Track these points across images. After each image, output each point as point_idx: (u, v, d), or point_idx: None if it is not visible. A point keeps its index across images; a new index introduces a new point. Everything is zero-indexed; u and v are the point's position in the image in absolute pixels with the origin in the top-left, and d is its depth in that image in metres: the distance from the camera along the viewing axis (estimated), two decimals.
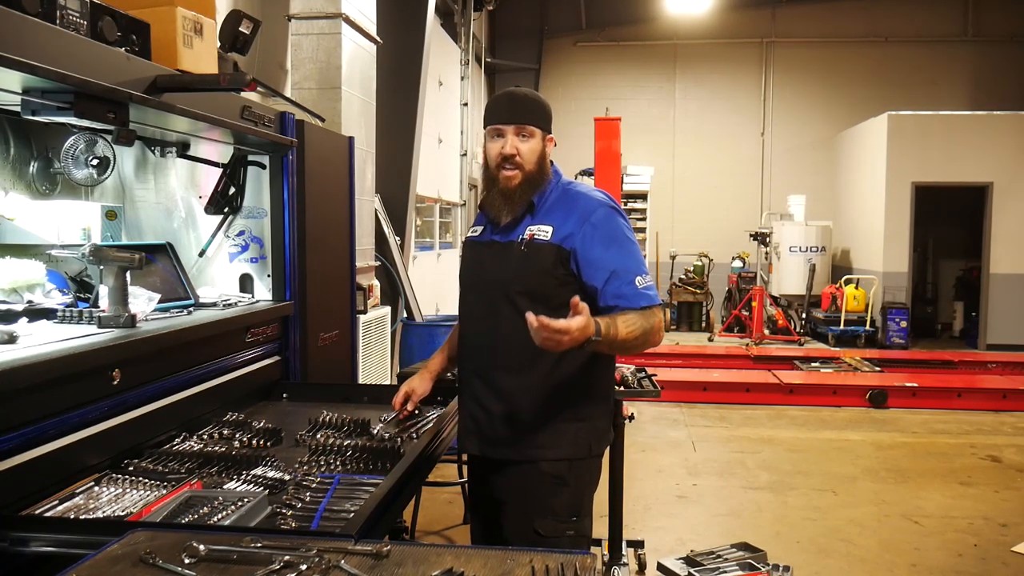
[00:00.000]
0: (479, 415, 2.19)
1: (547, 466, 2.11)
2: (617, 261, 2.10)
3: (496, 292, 2.15)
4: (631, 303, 2.08)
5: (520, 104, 2.16)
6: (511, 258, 2.14)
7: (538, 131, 2.16)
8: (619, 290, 2.09)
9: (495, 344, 2.15)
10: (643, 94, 13.76)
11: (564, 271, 2.11)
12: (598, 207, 2.15)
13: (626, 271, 2.10)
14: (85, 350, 1.90)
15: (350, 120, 4.94)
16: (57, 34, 1.83)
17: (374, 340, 4.95)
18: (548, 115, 2.21)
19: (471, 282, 2.26)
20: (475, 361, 2.22)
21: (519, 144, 2.13)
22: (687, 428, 6.77)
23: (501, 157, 2.12)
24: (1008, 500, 5.01)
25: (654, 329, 2.10)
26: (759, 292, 11.47)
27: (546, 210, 2.17)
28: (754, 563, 3.72)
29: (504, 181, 2.14)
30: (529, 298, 2.07)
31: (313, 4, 4.81)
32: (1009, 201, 10.62)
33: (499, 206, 2.15)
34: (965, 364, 9.41)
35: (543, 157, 2.18)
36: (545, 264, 2.10)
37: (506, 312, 2.12)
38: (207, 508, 1.71)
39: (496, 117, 2.16)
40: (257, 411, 2.69)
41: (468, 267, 2.29)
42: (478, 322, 2.21)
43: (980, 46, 13.17)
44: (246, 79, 2.25)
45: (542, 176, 2.18)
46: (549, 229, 2.13)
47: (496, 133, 2.15)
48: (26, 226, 2.52)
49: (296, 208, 3.06)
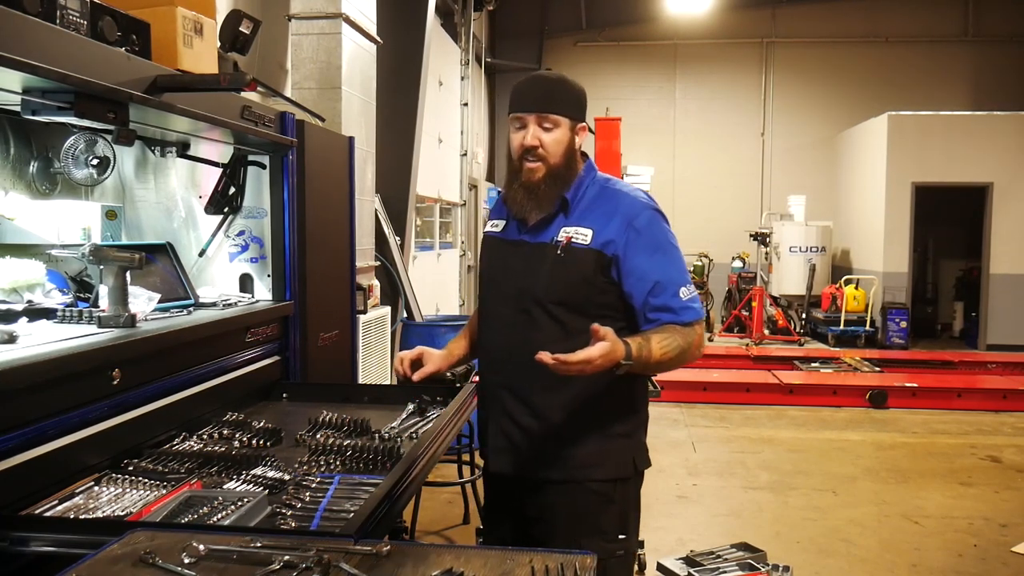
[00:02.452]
0: (513, 433, 2.04)
1: (594, 485, 2.00)
2: (661, 271, 1.96)
3: (528, 299, 1.98)
4: (674, 317, 1.94)
5: (545, 90, 1.98)
6: (545, 263, 1.97)
7: (565, 120, 1.97)
8: (662, 302, 1.94)
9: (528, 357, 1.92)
10: (643, 94, 13.76)
11: (604, 279, 1.96)
12: (643, 209, 1.99)
13: (670, 282, 1.96)
14: (85, 350, 1.90)
15: (350, 120, 4.94)
16: (57, 34, 1.83)
17: (374, 340, 4.95)
18: (578, 102, 2.02)
19: (496, 285, 2.09)
20: (504, 374, 2.05)
21: (542, 135, 1.96)
22: (687, 428, 6.77)
23: (522, 149, 1.97)
24: (1008, 500, 5.01)
25: (693, 346, 1.96)
26: (759, 292, 11.47)
27: (583, 210, 2.01)
28: (754, 563, 3.72)
29: (527, 174, 1.97)
30: (566, 308, 1.95)
31: (313, 4, 4.81)
32: (1009, 201, 10.62)
33: (522, 201, 1.99)
34: (965, 364, 9.42)
35: (571, 149, 2.00)
36: (585, 272, 1.95)
37: (541, 322, 1.97)
38: (207, 508, 1.71)
39: (518, 104, 1.99)
40: (257, 411, 2.69)
41: (492, 267, 2.12)
42: (507, 331, 2.03)
43: (980, 46, 13.17)
44: (246, 79, 2.25)
45: (570, 170, 2.01)
46: (588, 232, 1.96)
47: (518, 122, 1.99)
48: (26, 226, 2.52)
49: (296, 208, 3.06)
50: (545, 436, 2.00)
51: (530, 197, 1.98)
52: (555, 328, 1.93)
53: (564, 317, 1.90)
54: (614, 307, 1.98)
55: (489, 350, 2.10)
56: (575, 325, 1.92)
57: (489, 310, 2.10)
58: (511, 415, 2.04)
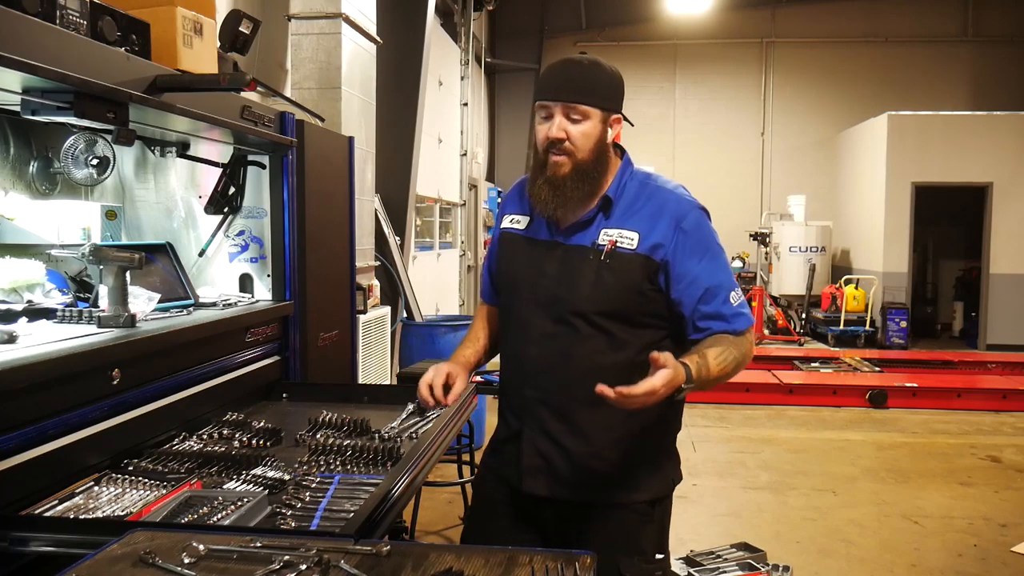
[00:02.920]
0: (551, 453, 1.88)
1: (638, 507, 1.89)
2: (712, 276, 1.82)
3: (566, 309, 1.83)
4: (726, 325, 1.81)
5: (574, 77, 1.80)
6: (587, 269, 1.82)
7: (596, 111, 1.80)
8: (713, 310, 1.81)
9: (569, 371, 1.84)
10: (643, 94, 13.75)
11: (651, 287, 1.82)
12: (690, 209, 1.85)
13: (720, 287, 1.82)
14: (85, 350, 1.90)
15: (350, 120, 4.94)
16: (57, 34, 1.83)
17: (374, 340, 4.95)
18: (612, 91, 1.84)
19: (525, 290, 1.90)
20: (541, 388, 1.89)
21: (568, 127, 1.79)
22: (687, 428, 6.77)
23: (547, 141, 1.81)
24: (1008, 500, 5.01)
25: (746, 356, 1.82)
26: (759, 292, 11.47)
27: (624, 209, 1.85)
28: (754, 563, 3.72)
29: (552, 168, 1.81)
30: (611, 318, 1.81)
31: (313, 4, 4.81)
32: (1009, 201, 10.62)
33: (546, 198, 1.82)
34: (965, 364, 9.42)
35: (602, 143, 1.83)
36: (633, 279, 1.80)
37: (583, 334, 1.82)
38: (207, 508, 1.71)
39: (544, 92, 1.82)
40: (257, 411, 2.69)
41: (518, 269, 1.94)
42: (544, 342, 1.87)
43: (980, 46, 13.17)
44: (246, 79, 2.25)
45: (600, 166, 1.84)
46: (634, 236, 1.81)
47: (544, 111, 1.82)
48: (26, 226, 2.52)
49: (296, 208, 3.06)
50: (589, 457, 1.86)
51: (556, 193, 1.82)
52: (599, 340, 1.81)
53: (609, 327, 1.78)
54: (660, 315, 1.86)
55: (522, 361, 1.92)
56: (620, 336, 1.80)
57: (519, 317, 1.92)
58: (550, 434, 1.88)
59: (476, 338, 2.13)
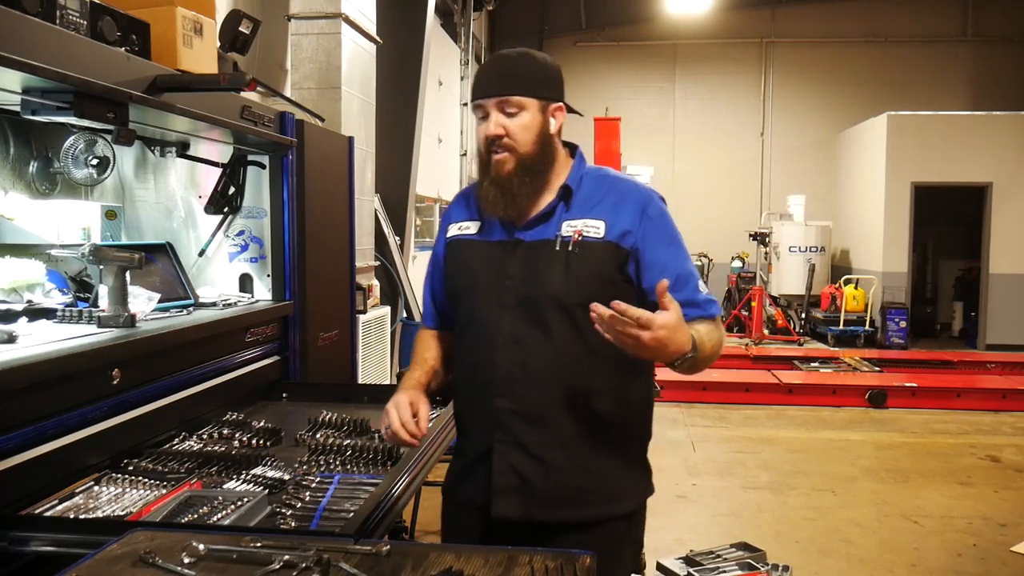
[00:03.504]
0: (527, 468, 1.72)
1: (616, 524, 1.77)
2: (680, 263, 1.77)
3: (539, 306, 1.72)
4: (701, 312, 1.74)
5: (504, 71, 1.74)
6: (555, 263, 1.72)
7: (532, 101, 1.72)
8: (686, 297, 1.71)
9: (545, 376, 1.72)
10: (643, 94, 13.76)
11: (622, 276, 1.75)
12: (652, 196, 1.80)
13: (691, 275, 1.77)
14: (85, 350, 1.90)
15: (350, 120, 4.94)
16: (57, 34, 1.83)
17: (374, 340, 4.95)
18: (547, 78, 1.77)
19: (485, 295, 1.78)
20: (514, 397, 1.73)
21: (505, 122, 1.71)
22: (686, 428, 6.77)
23: (487, 140, 1.73)
24: (1007, 500, 5.01)
25: (722, 341, 1.77)
26: (758, 292, 11.46)
27: (584, 200, 1.78)
28: (753, 563, 3.72)
29: (495, 167, 1.72)
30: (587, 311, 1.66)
31: (313, 4, 4.81)
32: (1009, 201, 10.62)
33: (494, 199, 1.73)
34: (964, 364, 9.41)
35: (544, 134, 1.74)
36: (605, 268, 1.73)
37: (558, 332, 1.71)
38: (207, 508, 1.71)
39: (476, 91, 1.75)
40: (257, 411, 2.69)
41: (474, 275, 1.81)
42: (512, 347, 1.73)
43: (980, 46, 13.17)
44: (246, 79, 2.25)
45: (546, 157, 1.76)
46: (600, 224, 1.74)
47: (480, 111, 1.75)
48: (26, 226, 2.52)
49: (296, 208, 3.06)
50: (569, 468, 1.73)
51: (502, 193, 1.72)
52: (575, 338, 1.71)
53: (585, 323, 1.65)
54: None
55: (489, 370, 1.76)
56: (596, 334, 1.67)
57: (482, 324, 1.78)
58: (526, 447, 1.73)
59: (423, 360, 1.94)
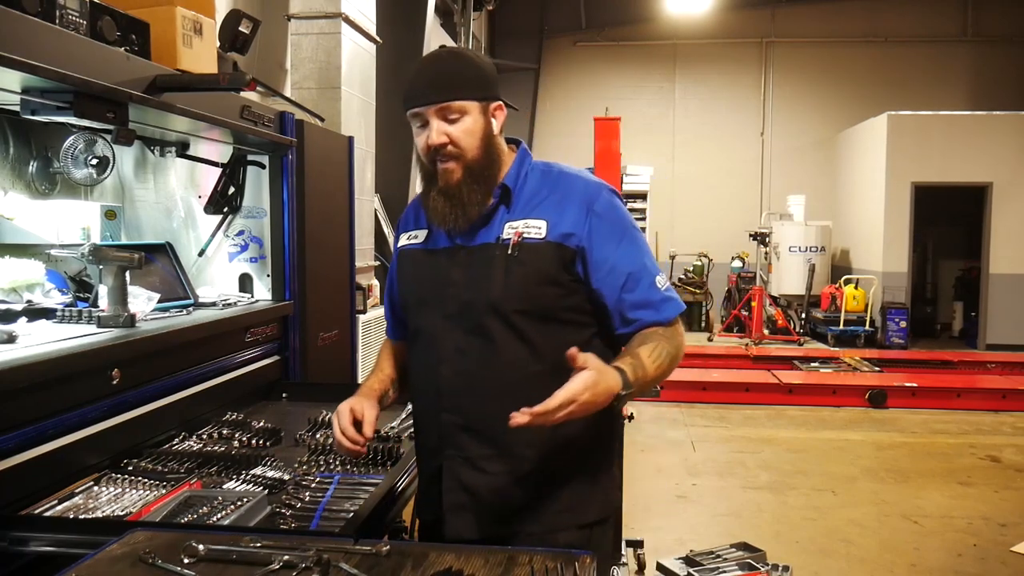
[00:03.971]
0: (477, 484, 1.65)
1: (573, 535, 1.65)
2: (633, 260, 1.66)
3: (480, 314, 1.63)
4: (655, 314, 1.65)
5: (440, 75, 1.64)
6: (495, 267, 1.63)
7: (473, 104, 1.63)
8: (639, 297, 1.65)
9: (490, 387, 1.63)
10: (643, 94, 13.75)
11: (569, 277, 1.65)
12: (599, 191, 1.69)
13: (644, 271, 1.67)
14: (84, 350, 1.90)
15: (350, 120, 4.94)
16: (57, 34, 1.83)
17: (374, 340, 4.95)
18: (485, 78, 1.66)
19: (431, 305, 1.70)
20: (460, 411, 1.66)
21: (448, 129, 1.61)
22: (686, 428, 6.77)
23: (430, 150, 1.63)
24: (1007, 500, 5.01)
25: (679, 349, 1.66)
26: (759, 292, 11.46)
27: (527, 200, 1.68)
28: (753, 563, 3.72)
29: (443, 177, 1.63)
30: (529, 317, 1.63)
31: (313, 4, 4.81)
32: (1009, 201, 10.62)
33: (443, 210, 1.63)
34: (964, 364, 9.41)
35: (488, 136, 1.66)
36: (547, 270, 1.63)
37: (501, 340, 1.62)
38: (206, 508, 1.71)
39: (412, 99, 1.64)
40: (257, 411, 2.69)
41: (419, 284, 1.74)
42: (456, 357, 1.65)
43: (980, 46, 13.16)
44: (246, 79, 2.25)
45: (491, 160, 1.66)
46: (542, 224, 1.64)
47: (418, 121, 1.65)
48: (25, 226, 2.52)
49: (296, 208, 3.06)
50: (520, 481, 1.64)
51: (452, 204, 1.63)
52: (519, 347, 1.62)
53: (529, 330, 1.60)
54: (583, 310, 1.68)
55: (436, 383, 1.69)
56: (542, 341, 1.62)
57: (428, 335, 1.70)
58: (474, 462, 1.65)
59: (380, 368, 1.93)
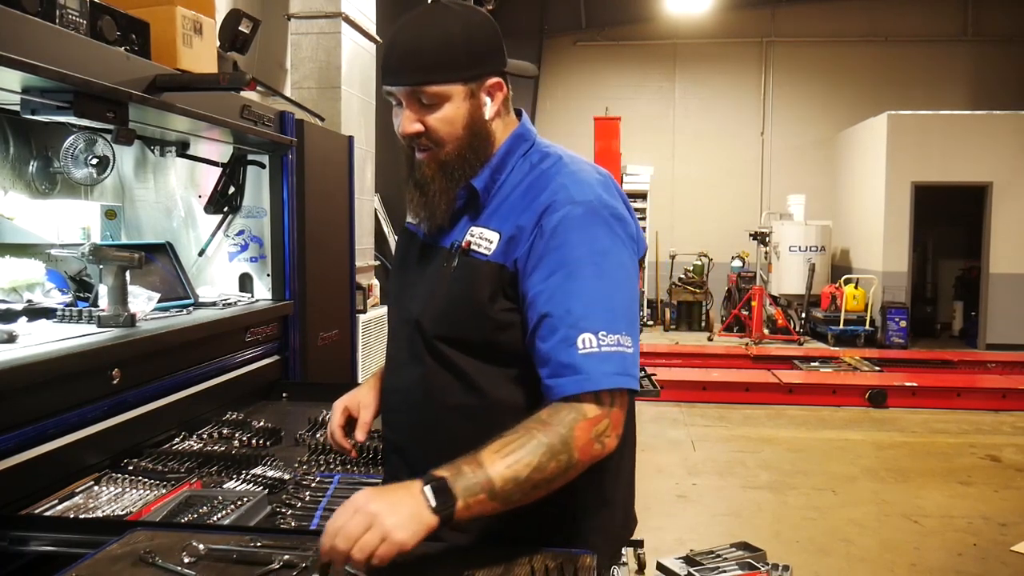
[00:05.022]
0: None
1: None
2: (559, 299, 1.26)
3: (412, 331, 1.39)
4: (553, 380, 1.24)
5: (413, 49, 1.31)
6: (439, 281, 1.37)
7: (455, 88, 1.33)
8: (547, 351, 1.25)
9: (420, 415, 1.40)
10: (643, 94, 13.75)
11: (505, 307, 1.32)
12: (566, 202, 1.31)
13: (567, 318, 1.24)
14: (85, 349, 1.90)
15: (350, 120, 4.94)
16: (56, 33, 1.83)
17: (374, 339, 4.95)
18: (474, 50, 1.33)
19: (394, 303, 1.50)
20: (395, 431, 1.47)
21: (424, 117, 1.34)
22: (686, 428, 6.77)
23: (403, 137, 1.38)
24: (1008, 500, 5.01)
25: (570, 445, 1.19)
26: (759, 292, 11.47)
27: (499, 203, 1.39)
28: (753, 563, 3.72)
29: (418, 168, 1.39)
30: (455, 346, 1.34)
31: (313, 3, 4.81)
32: (1009, 201, 10.62)
33: (416, 203, 1.40)
34: (965, 364, 9.42)
35: (475, 124, 1.36)
36: (478, 297, 1.32)
37: (428, 363, 1.37)
38: (207, 507, 1.71)
39: (384, 75, 1.37)
40: (257, 411, 2.69)
41: (395, 275, 1.54)
42: (398, 372, 1.45)
43: (980, 46, 13.16)
44: (246, 78, 2.25)
45: (480, 154, 1.38)
46: (494, 237, 1.34)
47: (393, 99, 1.39)
48: (26, 225, 2.52)
49: (296, 207, 3.06)
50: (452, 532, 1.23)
51: (424, 200, 1.39)
52: (447, 375, 1.35)
53: (458, 361, 1.33)
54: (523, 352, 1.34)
55: (384, 394, 1.51)
56: (475, 373, 1.34)
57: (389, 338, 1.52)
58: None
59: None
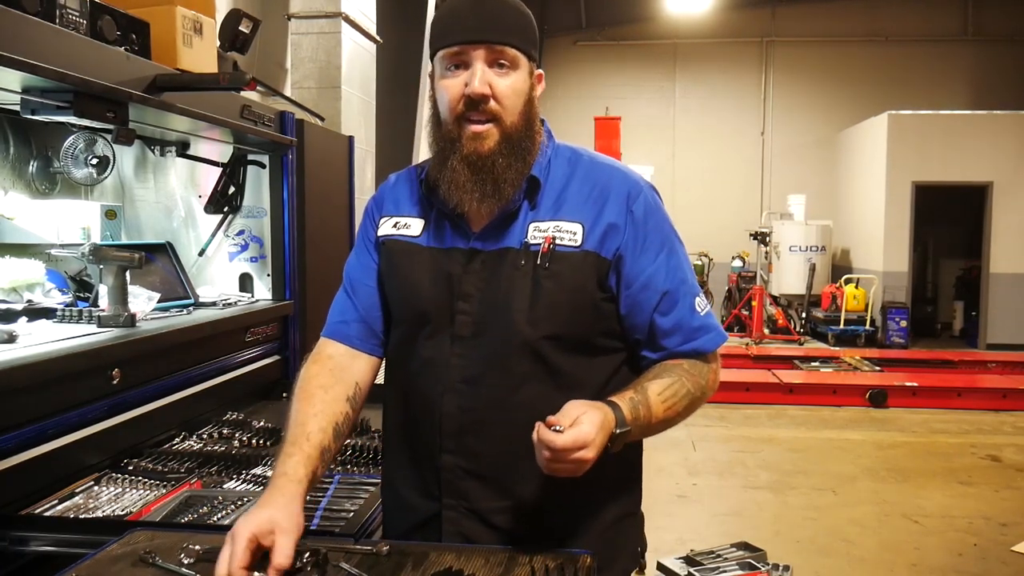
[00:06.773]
0: (483, 540, 1.37)
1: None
2: (672, 275, 1.35)
3: (501, 340, 1.32)
4: (691, 343, 1.35)
5: (496, 12, 1.27)
6: (521, 281, 1.31)
7: (524, 61, 1.30)
8: (676, 321, 1.35)
9: (507, 428, 1.32)
10: (643, 93, 13.75)
11: (604, 294, 1.34)
12: (640, 188, 1.37)
13: (685, 290, 1.36)
14: (85, 349, 1.90)
15: (350, 120, 4.94)
16: (56, 33, 1.83)
17: None
18: (535, 36, 1.33)
19: (439, 321, 1.37)
20: (467, 453, 1.36)
21: (494, 80, 1.26)
22: (687, 427, 6.77)
23: (465, 101, 1.26)
24: (1008, 500, 5.01)
25: (706, 390, 1.37)
26: (759, 291, 11.47)
27: (557, 195, 1.36)
28: (754, 562, 3.72)
29: (471, 142, 1.27)
30: (562, 345, 1.33)
31: (313, 3, 4.81)
32: (1009, 201, 10.62)
33: (465, 185, 1.28)
34: (965, 364, 9.42)
35: (532, 105, 1.33)
36: (585, 287, 1.32)
37: (523, 372, 1.32)
38: (207, 507, 1.71)
39: (454, 32, 1.27)
40: (257, 411, 2.69)
41: (423, 293, 1.38)
42: (467, 390, 1.34)
43: (980, 46, 13.16)
44: (246, 78, 2.25)
45: (532, 138, 1.33)
46: (577, 228, 1.32)
47: (455, 60, 1.28)
48: (26, 225, 2.52)
49: (296, 207, 3.06)
50: (534, 539, 1.34)
51: (480, 178, 1.28)
52: (544, 380, 1.33)
53: (558, 361, 1.31)
54: (615, 333, 1.39)
55: (436, 417, 1.37)
56: (572, 371, 1.34)
57: (428, 358, 1.37)
58: (481, 514, 1.37)
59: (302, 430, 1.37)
